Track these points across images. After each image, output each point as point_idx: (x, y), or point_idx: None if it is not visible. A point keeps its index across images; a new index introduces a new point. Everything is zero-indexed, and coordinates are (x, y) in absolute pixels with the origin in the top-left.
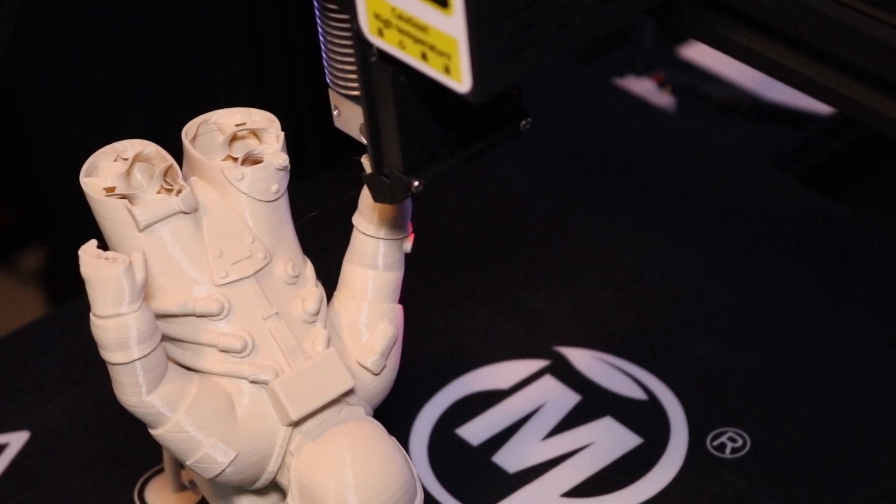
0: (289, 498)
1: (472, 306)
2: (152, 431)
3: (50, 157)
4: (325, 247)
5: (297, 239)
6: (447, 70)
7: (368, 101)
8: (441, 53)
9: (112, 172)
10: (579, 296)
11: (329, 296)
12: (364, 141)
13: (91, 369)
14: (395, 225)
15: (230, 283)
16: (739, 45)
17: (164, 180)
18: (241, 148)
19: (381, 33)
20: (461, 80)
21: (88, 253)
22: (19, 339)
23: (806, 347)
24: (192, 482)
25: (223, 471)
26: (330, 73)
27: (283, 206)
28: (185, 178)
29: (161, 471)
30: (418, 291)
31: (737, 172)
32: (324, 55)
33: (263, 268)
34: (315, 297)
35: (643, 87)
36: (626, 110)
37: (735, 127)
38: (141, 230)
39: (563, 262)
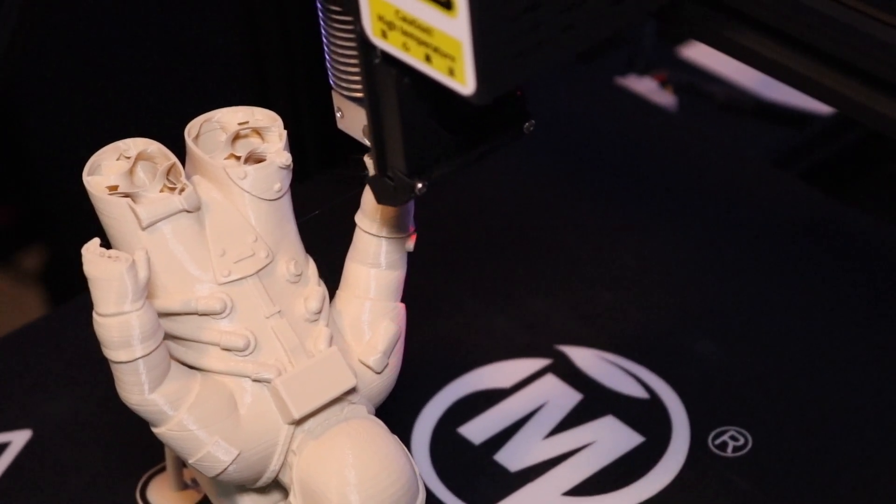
0: (291, 496)
1: (473, 305)
2: (154, 430)
3: (50, 157)
4: (327, 245)
5: (300, 237)
6: (451, 72)
7: (372, 104)
8: (445, 55)
9: (115, 171)
10: (581, 294)
11: (331, 294)
12: (367, 143)
13: (93, 368)
14: (397, 223)
15: (233, 281)
16: (740, 46)
17: (167, 179)
18: (244, 146)
19: (384, 35)
20: (465, 83)
21: (91, 251)
22: (20, 338)
23: (808, 346)
24: (194, 481)
25: (225, 469)
26: (333, 74)
27: (286, 204)
28: (188, 177)
29: (163, 469)
30: (420, 290)
31: (739, 171)
32: (327, 57)
33: (266, 266)
34: (317, 296)
35: (645, 86)
36: (627, 109)
37: (737, 126)
38: (144, 228)
39: (565, 260)
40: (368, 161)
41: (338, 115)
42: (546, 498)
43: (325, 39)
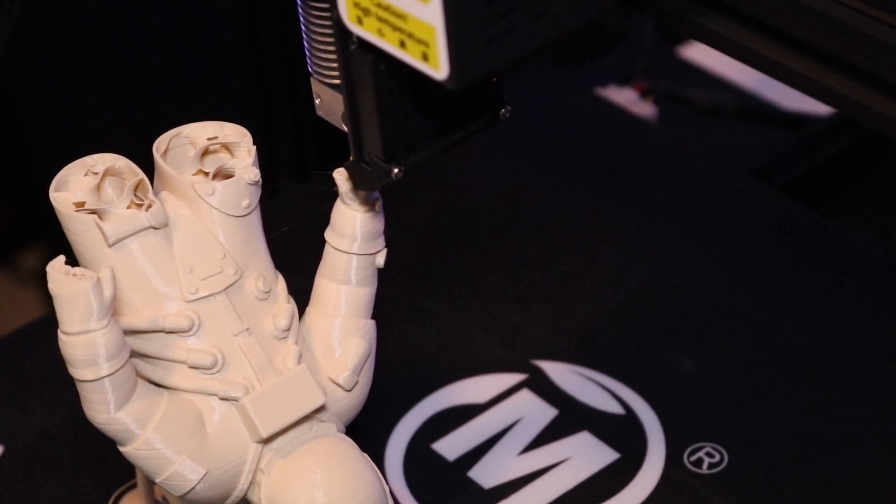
0: None
1: (449, 318)
2: (122, 448)
3: (50, 158)
4: (297, 262)
5: (269, 254)
6: (425, 57)
7: (349, 89)
8: (419, 41)
9: (82, 187)
10: (558, 308)
11: (301, 311)
12: (345, 129)
13: (65, 383)
14: (367, 239)
15: (200, 298)
16: (739, 46)
17: (135, 195)
18: (213, 162)
19: (360, 21)
20: (439, 68)
21: (56, 269)
22: (19, 339)
23: (785, 362)
24: (164, 498)
25: (193, 488)
26: (311, 61)
27: (255, 220)
28: (157, 193)
29: (134, 486)
30: (395, 303)
31: (718, 183)
32: (305, 44)
33: (234, 283)
34: (286, 313)
35: (625, 96)
36: (607, 120)
37: (717, 137)
38: (110, 245)
39: (542, 273)
40: (337, 176)
41: (316, 101)
42: None
43: (303, 26)
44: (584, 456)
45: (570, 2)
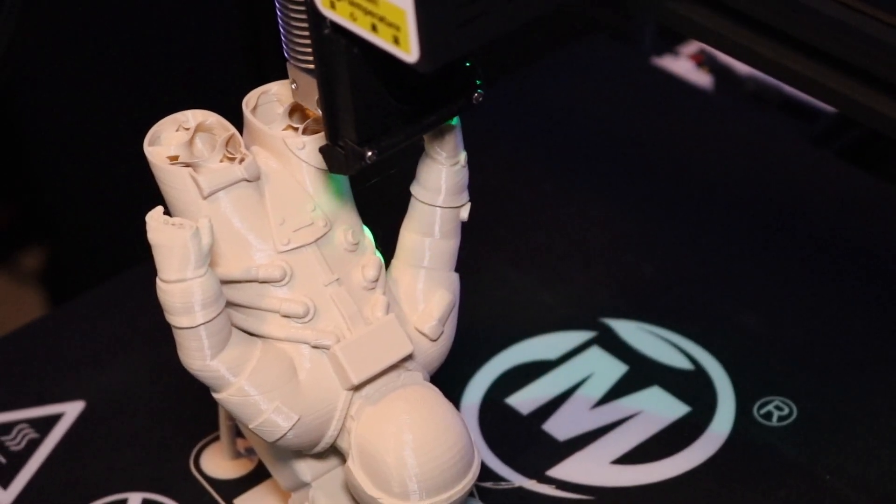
0: (349, 461)
1: (515, 279)
2: (215, 395)
3: (50, 157)
4: (382, 215)
5: (356, 207)
6: (396, 41)
7: (323, 74)
8: (390, 24)
9: (175, 141)
10: (622, 269)
11: (387, 263)
12: (320, 113)
13: (144, 340)
14: (452, 193)
15: (292, 249)
16: (740, 46)
17: (226, 150)
18: (300, 118)
19: (333, 6)
20: (409, 51)
21: (155, 219)
22: (21, 336)
23: (850, 317)
24: (247, 450)
25: (285, 435)
26: (287, 47)
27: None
28: (246, 148)
29: (217, 439)
30: (464, 264)
31: (777, 149)
32: (281, 30)
33: (324, 235)
34: (374, 264)
35: (681, 66)
36: (664, 89)
37: (772, 105)
38: (205, 198)
39: (605, 235)
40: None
41: (293, 87)
42: (595, 466)
43: (278, 12)
44: (656, 409)
45: None
